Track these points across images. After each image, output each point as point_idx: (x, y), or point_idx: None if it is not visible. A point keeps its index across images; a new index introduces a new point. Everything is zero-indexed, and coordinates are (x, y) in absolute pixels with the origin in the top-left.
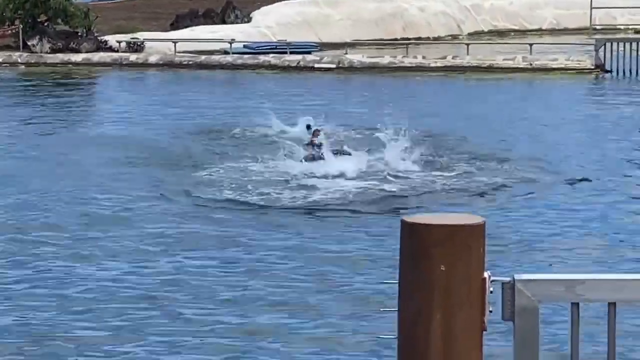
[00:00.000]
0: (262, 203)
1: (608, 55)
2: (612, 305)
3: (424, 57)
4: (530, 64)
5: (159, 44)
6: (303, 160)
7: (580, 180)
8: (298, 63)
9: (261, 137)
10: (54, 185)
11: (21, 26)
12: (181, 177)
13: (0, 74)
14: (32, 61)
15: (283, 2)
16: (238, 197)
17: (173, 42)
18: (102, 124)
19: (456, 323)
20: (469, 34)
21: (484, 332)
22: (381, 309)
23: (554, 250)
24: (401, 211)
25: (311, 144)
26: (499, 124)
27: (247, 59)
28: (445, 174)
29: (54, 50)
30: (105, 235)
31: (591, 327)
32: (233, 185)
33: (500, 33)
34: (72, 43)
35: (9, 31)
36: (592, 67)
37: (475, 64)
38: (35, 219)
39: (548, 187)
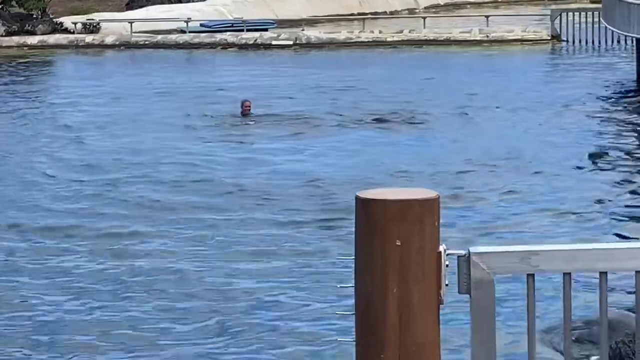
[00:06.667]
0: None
1: (564, 25)
2: (567, 275)
3: (380, 32)
4: (487, 36)
5: (115, 24)
6: None
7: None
8: (255, 41)
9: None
10: None
11: None
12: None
13: None
14: None
15: None
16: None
17: (129, 22)
18: (56, 111)
19: (412, 297)
20: (426, 8)
21: (441, 306)
22: (338, 285)
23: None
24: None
25: (243, 114)
26: (450, 96)
27: (204, 38)
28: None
29: (9, 33)
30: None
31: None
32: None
33: (457, 6)
34: (27, 25)
35: None
36: (548, 38)
37: (432, 38)
38: None
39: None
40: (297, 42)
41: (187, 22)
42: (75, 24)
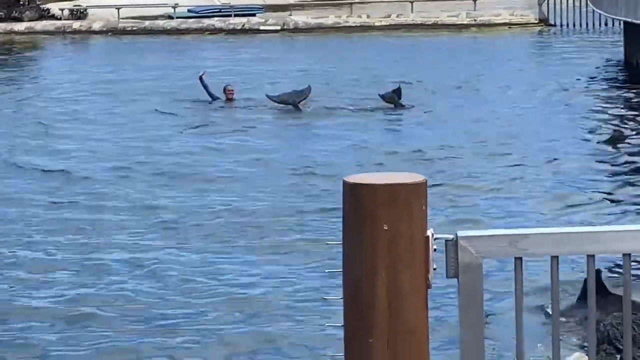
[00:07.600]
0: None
1: (551, 8)
2: (554, 258)
3: (368, 16)
4: (474, 20)
5: (102, 10)
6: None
7: None
8: (243, 26)
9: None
10: None
11: None
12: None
13: None
14: None
15: None
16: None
17: (116, 8)
18: (39, 98)
19: (401, 281)
20: None
21: (429, 290)
22: (326, 271)
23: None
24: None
25: (229, 99)
26: (437, 80)
27: (192, 23)
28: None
29: None
30: None
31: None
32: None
33: None
34: (14, 12)
35: None
36: (536, 21)
37: (420, 22)
38: None
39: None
40: (285, 27)
41: (174, 7)
42: (62, 10)
